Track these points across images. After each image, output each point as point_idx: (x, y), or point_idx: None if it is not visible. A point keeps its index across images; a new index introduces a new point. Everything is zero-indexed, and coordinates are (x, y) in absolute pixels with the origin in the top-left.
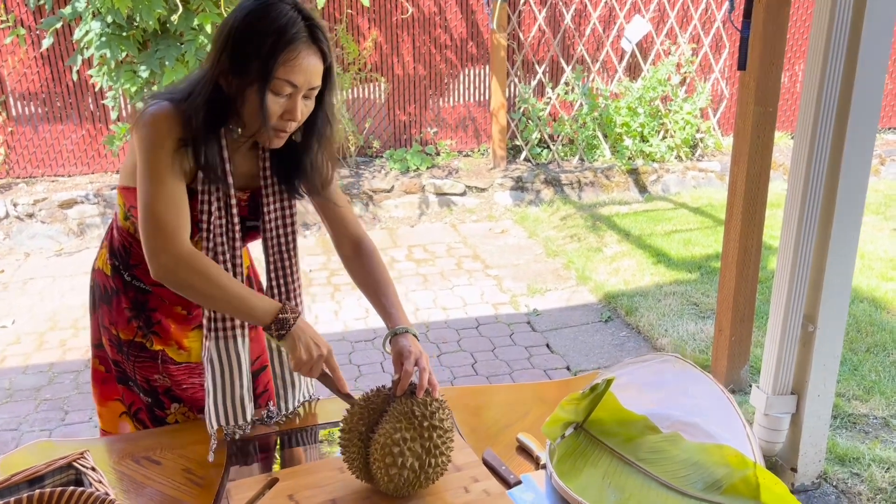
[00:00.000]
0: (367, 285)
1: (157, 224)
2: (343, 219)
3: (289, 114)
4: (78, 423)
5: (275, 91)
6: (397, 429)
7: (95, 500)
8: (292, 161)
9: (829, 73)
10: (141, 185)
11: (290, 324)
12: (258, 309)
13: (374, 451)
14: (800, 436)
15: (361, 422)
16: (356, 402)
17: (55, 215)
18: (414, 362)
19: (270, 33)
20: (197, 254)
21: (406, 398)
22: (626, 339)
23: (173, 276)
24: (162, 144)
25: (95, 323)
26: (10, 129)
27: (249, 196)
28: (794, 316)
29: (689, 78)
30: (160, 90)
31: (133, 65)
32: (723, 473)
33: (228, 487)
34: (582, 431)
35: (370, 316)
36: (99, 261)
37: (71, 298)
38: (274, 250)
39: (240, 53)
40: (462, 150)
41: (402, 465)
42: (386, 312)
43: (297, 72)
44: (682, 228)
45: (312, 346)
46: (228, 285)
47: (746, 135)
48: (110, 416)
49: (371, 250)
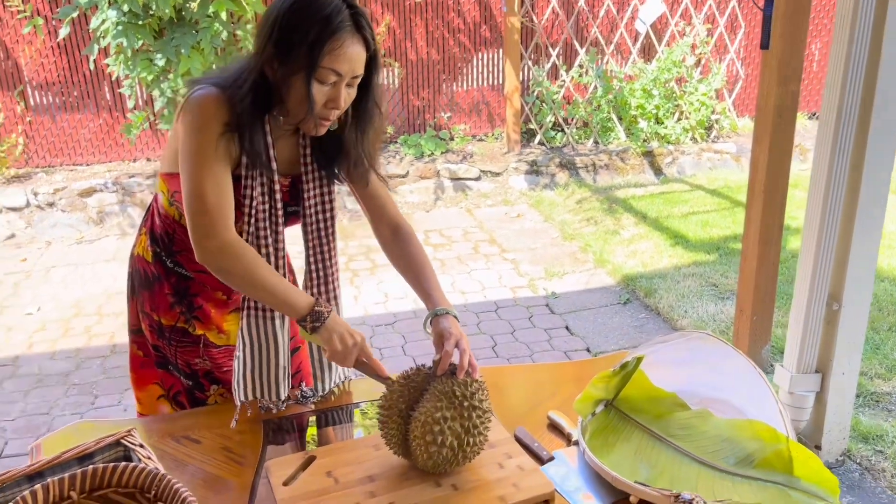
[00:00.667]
0: (407, 268)
1: (203, 208)
2: (382, 204)
3: (332, 102)
4: (107, 406)
5: (319, 79)
6: (438, 408)
7: (148, 474)
8: (333, 148)
9: (854, 50)
10: (186, 169)
11: (325, 317)
12: (295, 302)
13: (415, 429)
14: (824, 414)
15: (402, 399)
16: (396, 383)
17: (75, 204)
18: (454, 343)
19: (316, 22)
20: (241, 242)
21: (446, 378)
22: (645, 321)
23: (217, 262)
24: (208, 128)
25: (134, 309)
26: (28, 119)
27: (290, 182)
28: (819, 294)
29: (704, 59)
30: (201, 77)
31: (149, 53)
32: (754, 448)
33: (267, 465)
34: (612, 409)
35: (389, 300)
36: (138, 247)
37: (93, 286)
38: (313, 235)
39: (285, 42)
40: (476, 135)
41: (441, 444)
42: (426, 294)
43: (341, 60)
44: (698, 210)
45: (346, 337)
46: (268, 277)
47: (769, 114)
48: (148, 399)
49: (409, 234)
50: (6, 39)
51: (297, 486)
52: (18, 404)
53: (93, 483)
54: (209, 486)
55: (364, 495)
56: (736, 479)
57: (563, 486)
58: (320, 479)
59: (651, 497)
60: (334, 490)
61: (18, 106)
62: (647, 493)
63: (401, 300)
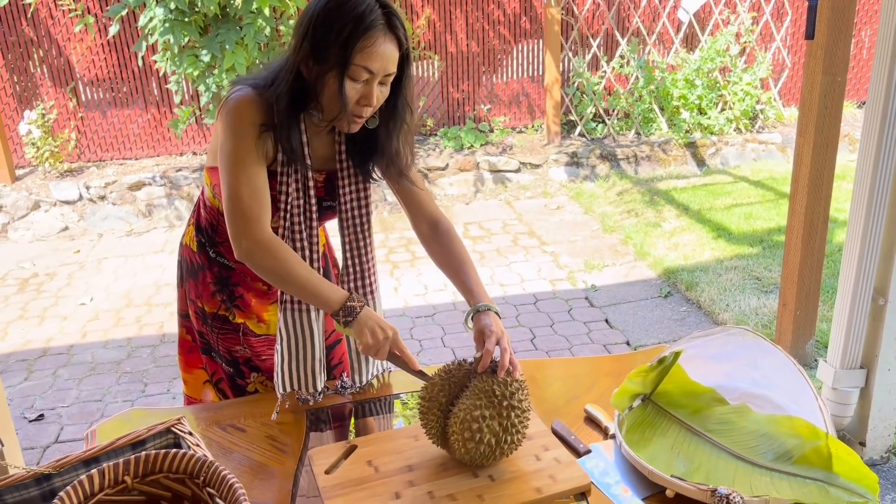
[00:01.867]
0: (447, 264)
1: (240, 209)
2: (420, 200)
3: (365, 99)
4: (157, 394)
5: (352, 77)
6: (477, 406)
7: (197, 461)
8: (368, 146)
9: None
10: (224, 171)
11: (357, 311)
12: (328, 296)
13: (453, 424)
14: (869, 410)
15: (442, 393)
16: (429, 378)
17: (125, 197)
18: (496, 341)
19: (349, 20)
20: (276, 240)
21: (487, 376)
22: (686, 314)
23: (253, 260)
24: (245, 131)
25: (183, 295)
26: (80, 115)
27: (325, 177)
28: (864, 289)
29: (748, 48)
30: (244, 75)
31: (195, 49)
32: (793, 444)
33: (310, 454)
34: (650, 403)
35: (429, 292)
36: (186, 237)
37: (143, 277)
38: (349, 231)
39: (320, 40)
40: (516, 127)
41: (479, 441)
42: (467, 289)
43: (373, 58)
44: (742, 202)
45: (378, 330)
46: (302, 273)
47: (813, 105)
48: (195, 383)
49: (448, 229)
50: (58, 38)
51: (338, 474)
52: (73, 391)
53: (145, 468)
54: (254, 473)
55: (403, 484)
56: (774, 475)
57: (599, 479)
58: (361, 468)
59: (687, 491)
60: (374, 479)
61: (71, 102)
62: (684, 488)
63: (440, 292)
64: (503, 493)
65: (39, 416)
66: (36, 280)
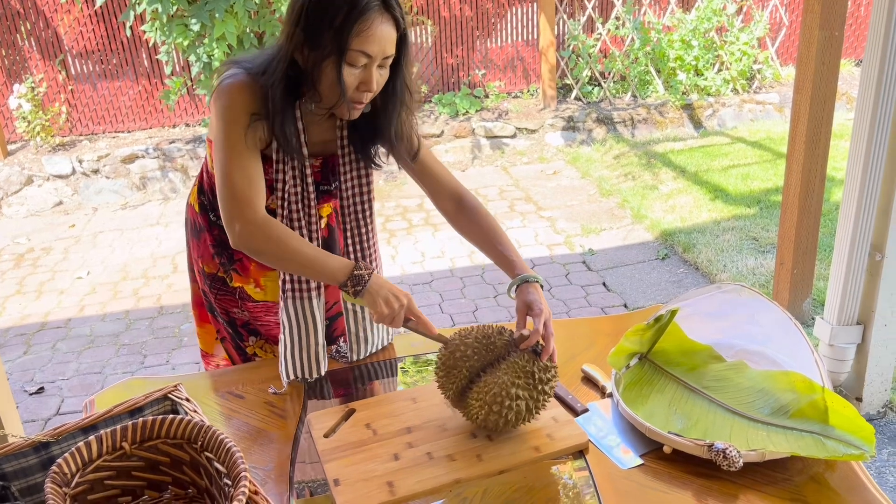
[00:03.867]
0: (479, 237)
1: (233, 194)
2: (437, 178)
3: (364, 84)
4: (156, 365)
5: (350, 62)
6: (515, 383)
7: (195, 426)
8: (369, 131)
9: None
10: (217, 155)
11: (366, 280)
12: (332, 268)
13: (482, 391)
14: (865, 365)
15: (476, 356)
16: (448, 340)
17: (118, 170)
18: (543, 323)
19: (343, 4)
20: (270, 221)
21: (529, 355)
22: (683, 276)
23: (249, 244)
24: (237, 118)
25: (190, 253)
26: (70, 88)
27: (322, 162)
28: (861, 245)
29: (745, 6)
30: (238, 56)
31: (184, 18)
32: (789, 399)
33: (309, 418)
34: (647, 361)
35: (426, 259)
36: (191, 197)
37: (139, 250)
38: (350, 217)
39: (314, 26)
40: (511, 92)
41: (503, 415)
42: (507, 260)
43: (371, 41)
44: (739, 163)
45: (392, 298)
46: (301, 249)
47: (811, 61)
48: (208, 338)
49: (474, 203)
50: (45, 9)
51: (337, 437)
52: (72, 364)
53: (143, 435)
54: (253, 438)
55: (402, 446)
56: (770, 429)
57: (597, 437)
58: (360, 431)
59: (684, 447)
60: (373, 441)
61: (60, 75)
62: (681, 443)
63: (437, 259)
64: (501, 453)
65: (40, 389)
66: (32, 255)
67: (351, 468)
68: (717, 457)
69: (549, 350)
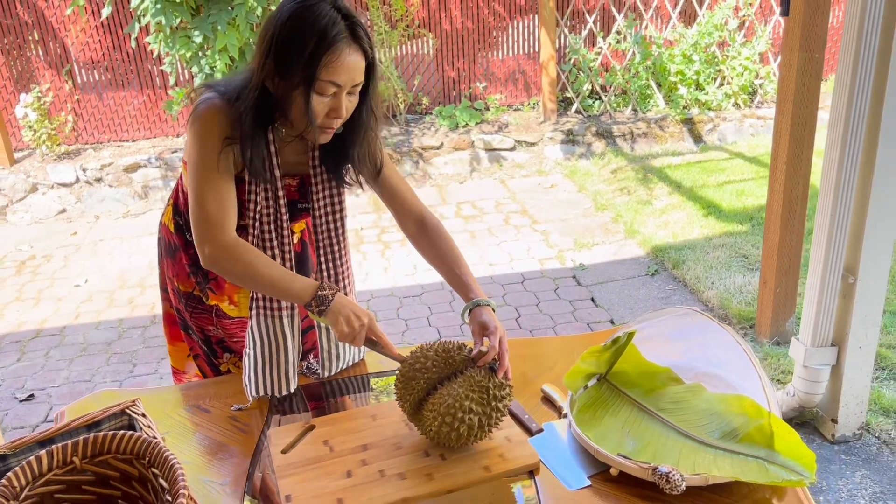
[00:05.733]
0: (438, 260)
1: (204, 217)
2: (402, 199)
3: (334, 112)
4: (145, 374)
5: (319, 91)
6: (469, 397)
7: (143, 442)
8: (339, 153)
9: (868, 16)
10: (190, 178)
11: (329, 300)
12: (297, 289)
13: (437, 402)
14: (840, 387)
15: (435, 368)
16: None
17: (121, 179)
18: (498, 341)
19: (312, 35)
20: (239, 243)
21: (485, 371)
22: (671, 293)
23: (218, 265)
24: (210, 143)
25: (162, 271)
26: (76, 97)
27: (299, 182)
28: (834, 267)
29: (747, 21)
30: (214, 80)
31: (187, 30)
32: (740, 423)
33: (269, 433)
34: (605, 383)
35: (418, 272)
36: (165, 216)
37: (137, 259)
38: (323, 236)
39: (283, 57)
40: (512, 105)
41: (455, 428)
42: (462, 284)
43: (340, 72)
44: (735, 179)
45: (353, 318)
46: (268, 271)
47: (791, 82)
48: (179, 355)
49: (435, 225)
50: (52, 20)
51: (294, 453)
52: (63, 372)
53: (94, 450)
54: (213, 452)
55: (356, 463)
56: (718, 453)
57: (548, 458)
58: (316, 448)
59: (630, 469)
60: (328, 458)
61: (67, 84)
62: (626, 466)
63: (429, 272)
64: (452, 472)
65: (30, 396)
66: (33, 262)
67: (304, 484)
68: (660, 480)
69: (503, 366)
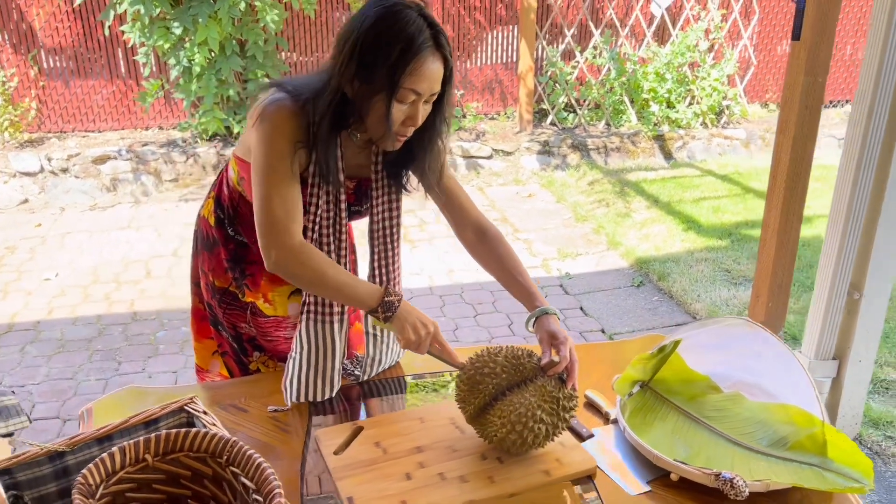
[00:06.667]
0: (499, 268)
1: (271, 221)
2: (462, 207)
3: (410, 120)
4: (132, 373)
5: (399, 99)
6: (541, 406)
7: (220, 440)
8: (405, 158)
9: (890, 44)
10: (257, 180)
11: (396, 306)
12: (363, 294)
13: (506, 409)
14: (839, 399)
15: (505, 374)
16: (470, 365)
17: (89, 171)
18: (568, 351)
19: (399, 42)
20: (306, 247)
21: (556, 382)
22: (658, 304)
23: (285, 269)
24: (280, 146)
25: (196, 265)
26: (41, 84)
27: (357, 184)
28: (841, 283)
29: (717, 44)
30: (281, 79)
31: (166, 21)
32: (788, 431)
33: (317, 434)
34: (648, 389)
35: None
36: (205, 210)
37: (110, 253)
38: (379, 240)
39: (367, 62)
40: (488, 113)
41: (524, 436)
42: (526, 292)
43: (422, 80)
44: (709, 195)
45: (419, 326)
46: (335, 275)
47: (794, 105)
48: (204, 352)
49: (496, 235)
50: (21, 2)
51: (347, 454)
52: (42, 369)
53: (166, 447)
54: (261, 453)
55: (414, 465)
56: (770, 460)
57: (601, 463)
58: (369, 449)
59: (691, 475)
60: (384, 460)
61: (32, 70)
62: (688, 472)
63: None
64: (513, 476)
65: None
66: None
67: (364, 486)
68: (724, 486)
69: (573, 378)
